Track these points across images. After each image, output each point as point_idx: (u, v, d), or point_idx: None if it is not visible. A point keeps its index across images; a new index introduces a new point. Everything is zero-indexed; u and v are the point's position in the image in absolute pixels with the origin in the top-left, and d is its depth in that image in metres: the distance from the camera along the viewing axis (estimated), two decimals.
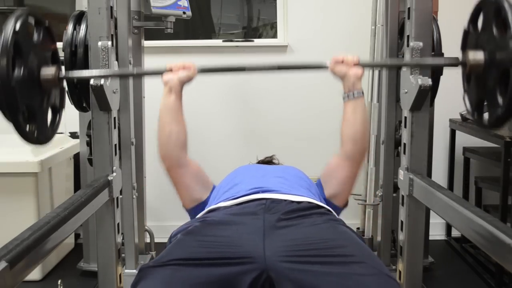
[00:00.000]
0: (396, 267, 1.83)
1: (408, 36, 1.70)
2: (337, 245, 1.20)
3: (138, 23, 2.44)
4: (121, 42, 2.13)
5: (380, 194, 2.32)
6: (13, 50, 1.15)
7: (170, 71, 1.57)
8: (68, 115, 1.59)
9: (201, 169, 1.64)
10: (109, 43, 1.64)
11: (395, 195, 2.24)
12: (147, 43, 2.58)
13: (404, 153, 1.74)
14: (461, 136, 2.85)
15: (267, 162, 1.98)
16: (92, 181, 1.63)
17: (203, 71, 1.60)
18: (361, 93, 1.58)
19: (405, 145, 1.73)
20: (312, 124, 2.99)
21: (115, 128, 1.72)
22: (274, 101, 3.03)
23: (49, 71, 1.30)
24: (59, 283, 2.05)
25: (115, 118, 1.72)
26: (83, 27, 1.84)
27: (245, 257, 1.16)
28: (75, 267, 2.61)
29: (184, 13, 2.54)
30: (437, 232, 2.98)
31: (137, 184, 2.36)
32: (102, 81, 1.56)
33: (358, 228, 2.77)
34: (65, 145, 2.74)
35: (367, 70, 2.54)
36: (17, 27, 1.17)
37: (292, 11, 2.98)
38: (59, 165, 2.68)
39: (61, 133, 2.86)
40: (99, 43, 1.64)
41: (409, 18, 1.69)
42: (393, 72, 2.18)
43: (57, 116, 1.40)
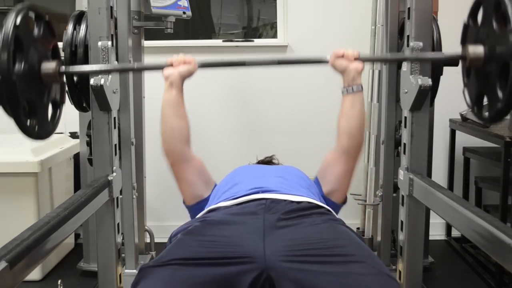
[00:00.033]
0: (396, 267, 1.84)
1: (408, 36, 1.70)
2: (337, 245, 1.20)
3: (138, 23, 2.44)
4: (121, 42, 2.13)
5: (380, 194, 2.32)
6: (13, 44, 1.15)
7: (170, 65, 1.57)
8: (68, 115, 1.59)
9: (204, 166, 1.65)
10: (109, 43, 1.64)
11: (395, 195, 2.24)
12: (147, 43, 2.58)
13: (404, 153, 1.74)
14: (461, 136, 2.85)
15: (267, 162, 1.98)
16: (92, 181, 1.63)
17: (203, 66, 1.60)
18: (360, 88, 1.59)
19: (405, 145, 1.73)
20: (312, 124, 2.99)
21: (115, 128, 1.72)
22: (274, 101, 3.03)
23: (49, 66, 1.30)
24: (59, 283, 2.05)
25: (115, 118, 1.72)
26: (83, 27, 1.84)
27: (245, 257, 1.16)
28: (75, 267, 2.61)
29: (184, 13, 2.54)
30: (437, 232, 2.98)
31: (137, 184, 2.36)
32: (102, 81, 1.56)
33: (358, 228, 2.77)
34: (65, 145, 2.74)
35: (367, 70, 2.55)
36: (18, 21, 1.17)
37: (292, 11, 2.98)
38: (59, 165, 2.68)
39: (61, 133, 2.86)
40: (99, 43, 1.64)
41: (409, 18, 1.69)
42: (393, 72, 2.18)
43: (58, 111, 1.40)
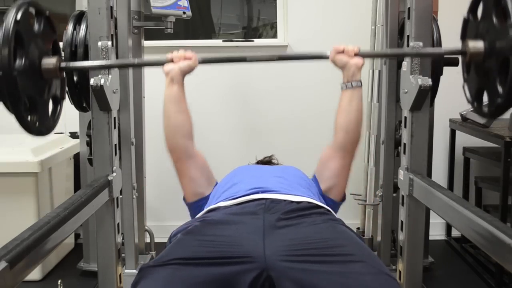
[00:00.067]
0: (396, 267, 1.83)
1: (408, 36, 1.70)
2: (336, 244, 1.20)
3: (138, 23, 2.44)
4: (121, 42, 2.13)
5: (380, 194, 2.32)
6: (14, 40, 1.15)
7: (171, 61, 1.57)
8: (68, 115, 1.59)
9: (207, 163, 1.66)
10: (109, 43, 1.64)
11: (395, 195, 2.24)
12: (147, 43, 2.58)
13: (404, 153, 1.74)
14: (461, 136, 2.85)
15: (266, 162, 1.98)
16: (92, 181, 1.63)
17: (204, 62, 1.60)
18: (360, 84, 1.59)
19: (405, 145, 1.73)
20: (312, 124, 2.99)
21: (115, 128, 1.72)
22: (274, 101, 3.03)
23: (50, 61, 1.30)
24: (59, 283, 2.05)
25: (115, 118, 1.72)
26: (83, 27, 1.84)
27: (245, 257, 1.16)
28: (75, 267, 2.61)
29: (184, 13, 2.54)
30: (437, 232, 2.98)
31: (137, 184, 2.36)
32: (102, 81, 1.56)
33: (358, 228, 2.77)
34: (65, 145, 2.74)
35: (367, 70, 2.55)
36: (18, 16, 1.17)
37: (292, 11, 2.98)
38: (59, 165, 2.68)
39: (61, 133, 2.86)
40: (99, 43, 1.64)
41: (409, 18, 1.69)
42: (393, 72, 2.18)
43: (58, 106, 1.40)
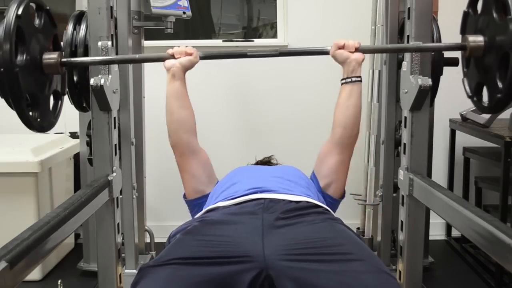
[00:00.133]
0: (396, 267, 1.83)
1: (408, 36, 1.70)
2: (335, 243, 1.20)
3: (138, 23, 2.44)
4: (121, 42, 2.13)
5: (380, 194, 2.32)
6: (15, 35, 1.15)
7: (172, 56, 1.57)
8: (68, 115, 1.59)
9: (209, 160, 1.67)
10: (109, 43, 1.64)
11: (395, 195, 2.24)
12: (147, 43, 2.58)
13: (404, 153, 1.74)
14: (461, 136, 2.85)
15: (266, 162, 1.99)
16: (92, 181, 1.63)
17: (205, 57, 1.60)
18: (360, 79, 1.60)
19: (405, 145, 1.73)
20: (312, 124, 2.99)
21: (115, 128, 1.72)
22: (274, 101, 3.03)
23: (51, 56, 1.30)
24: (59, 283, 2.05)
25: (115, 118, 1.72)
26: (83, 27, 1.84)
27: (244, 256, 1.16)
28: (75, 267, 2.61)
29: (184, 13, 2.54)
30: (437, 232, 2.98)
31: (137, 184, 2.36)
32: (102, 81, 1.56)
33: (358, 228, 2.77)
34: (65, 145, 2.74)
35: (367, 70, 2.55)
36: (20, 11, 1.16)
37: (292, 11, 2.98)
38: (59, 165, 2.68)
39: (61, 133, 2.86)
40: (99, 43, 1.64)
41: (409, 18, 1.69)
42: (393, 72, 2.18)
43: (59, 102, 1.40)
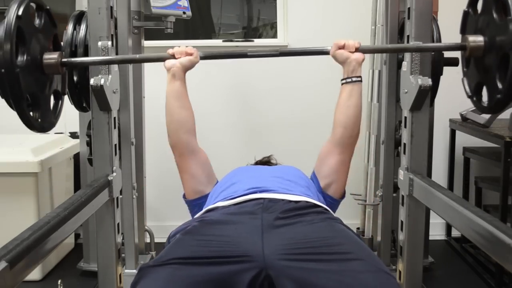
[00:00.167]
0: (396, 267, 1.83)
1: (408, 36, 1.70)
2: (335, 243, 1.20)
3: (138, 23, 2.44)
4: (121, 42, 2.13)
5: (380, 194, 2.32)
6: (16, 36, 1.15)
7: (172, 56, 1.57)
8: (68, 115, 1.59)
9: (209, 160, 1.67)
10: (109, 43, 1.64)
11: (395, 195, 2.24)
12: (147, 43, 2.58)
13: (404, 153, 1.74)
14: (461, 136, 2.85)
15: (265, 162, 1.98)
16: (92, 181, 1.63)
17: (205, 57, 1.60)
18: (360, 79, 1.60)
19: (405, 145, 1.73)
20: (312, 124, 2.99)
21: (115, 128, 1.72)
22: (274, 101, 3.03)
23: (51, 56, 1.30)
24: (59, 283, 2.05)
25: (115, 118, 1.72)
26: (83, 27, 1.84)
27: (244, 256, 1.16)
28: (75, 267, 2.61)
29: (184, 13, 2.54)
30: (437, 232, 2.98)
31: (137, 184, 2.36)
32: (102, 81, 1.56)
33: (358, 228, 2.77)
34: (65, 145, 2.74)
35: (367, 70, 2.55)
36: (20, 12, 1.16)
37: (292, 11, 2.98)
38: (59, 165, 2.68)
39: (61, 133, 2.86)
40: (99, 43, 1.64)
41: (409, 18, 1.69)
42: (393, 72, 2.18)
43: (59, 102, 1.40)
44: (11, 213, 2.42)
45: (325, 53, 1.61)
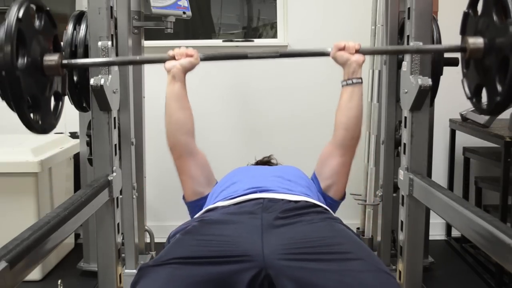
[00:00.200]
0: (396, 267, 1.83)
1: (408, 36, 1.70)
2: (334, 243, 1.20)
3: (138, 23, 2.44)
4: (121, 42, 2.13)
5: (380, 194, 2.32)
6: (16, 38, 1.15)
7: (172, 58, 1.57)
8: (68, 115, 1.59)
9: (208, 162, 1.67)
10: (109, 43, 1.64)
11: (395, 195, 2.24)
12: (147, 43, 2.58)
13: (404, 153, 1.74)
14: (461, 136, 2.85)
15: (265, 162, 1.98)
16: (92, 181, 1.63)
17: (205, 59, 1.60)
18: (360, 81, 1.60)
19: (405, 145, 1.73)
20: (312, 123, 2.99)
21: (115, 128, 1.72)
22: (274, 101, 3.03)
23: (52, 58, 1.31)
24: (59, 283, 2.05)
25: (115, 118, 1.72)
26: (83, 27, 1.84)
27: (244, 255, 1.16)
28: (75, 267, 2.61)
29: (184, 13, 2.54)
30: (437, 232, 2.98)
31: (137, 184, 2.36)
32: (102, 81, 1.56)
33: (358, 228, 2.77)
34: (65, 145, 2.74)
35: (367, 70, 2.55)
36: (20, 14, 1.16)
37: (292, 11, 2.98)
38: (59, 165, 2.68)
39: (61, 133, 2.86)
40: (99, 43, 1.64)
41: (409, 18, 1.69)
42: (393, 72, 2.18)
43: (60, 103, 1.40)
44: (11, 213, 2.42)
45: (325, 54, 1.60)
